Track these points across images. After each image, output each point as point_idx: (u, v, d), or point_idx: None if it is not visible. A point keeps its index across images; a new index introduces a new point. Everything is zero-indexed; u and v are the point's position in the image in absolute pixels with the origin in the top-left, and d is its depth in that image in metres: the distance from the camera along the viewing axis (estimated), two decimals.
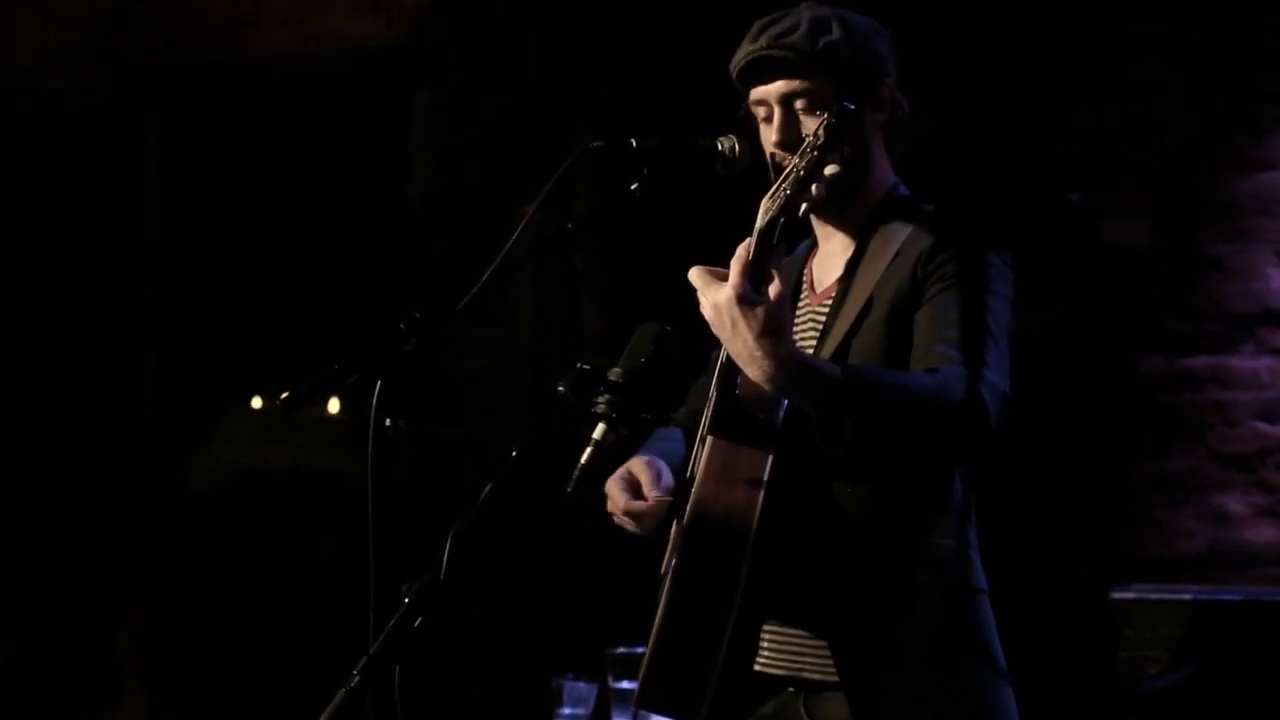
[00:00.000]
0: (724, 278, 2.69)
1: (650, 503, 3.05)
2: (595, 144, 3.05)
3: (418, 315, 2.86)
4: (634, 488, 3.08)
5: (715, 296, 2.67)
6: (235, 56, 7.22)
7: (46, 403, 7.32)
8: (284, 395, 2.83)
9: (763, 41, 3.00)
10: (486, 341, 6.49)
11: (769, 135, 3.03)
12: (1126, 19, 5.96)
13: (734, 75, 3.07)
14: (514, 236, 3.02)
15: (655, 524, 3.07)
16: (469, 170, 6.75)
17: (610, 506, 3.11)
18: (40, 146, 7.40)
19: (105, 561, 7.12)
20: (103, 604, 6.83)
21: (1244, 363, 5.77)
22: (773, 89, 3.01)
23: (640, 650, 3.91)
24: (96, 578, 7.08)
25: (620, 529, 3.13)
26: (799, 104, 2.99)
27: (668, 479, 3.09)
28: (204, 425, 7.36)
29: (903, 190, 3.10)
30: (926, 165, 3.19)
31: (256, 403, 7.34)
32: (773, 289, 2.67)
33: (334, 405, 7.14)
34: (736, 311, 2.65)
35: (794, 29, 2.99)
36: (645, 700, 2.90)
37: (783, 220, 2.73)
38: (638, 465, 3.10)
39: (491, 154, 6.69)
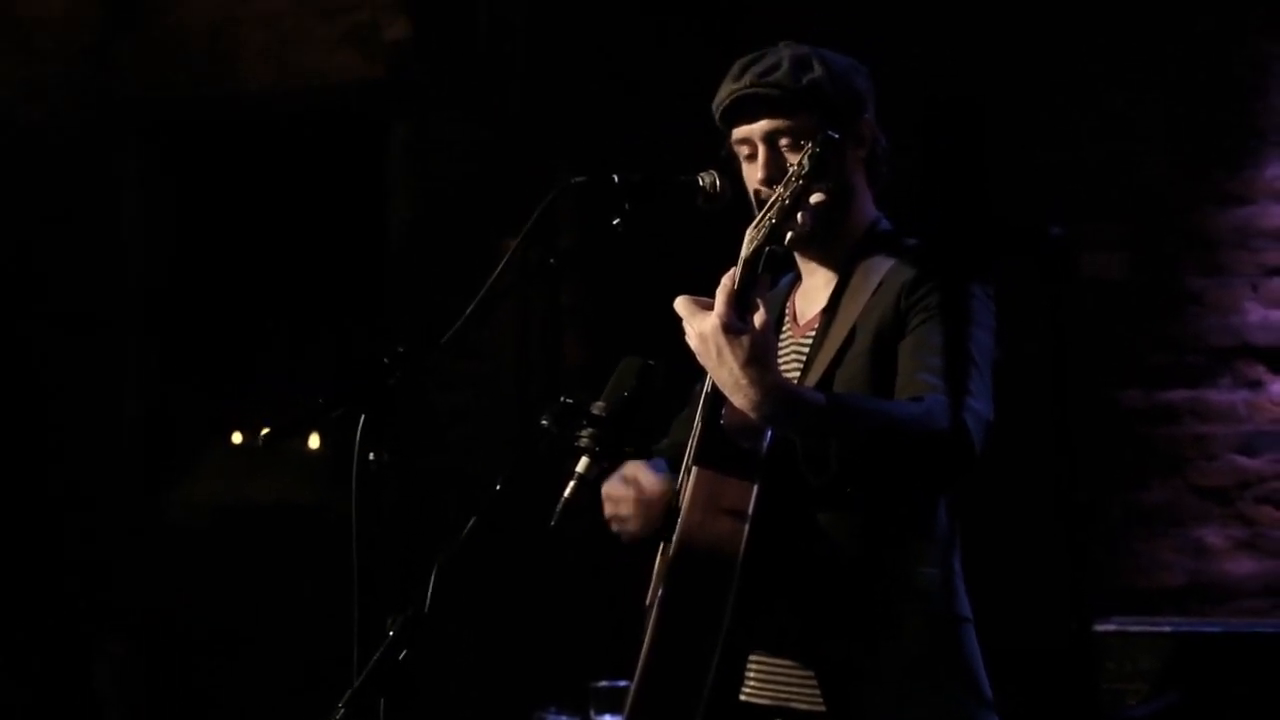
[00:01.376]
0: (709, 307, 2.71)
1: (656, 490, 3.07)
2: (578, 179, 3.06)
3: (401, 349, 2.87)
4: (634, 485, 3.10)
5: (700, 326, 2.69)
6: (216, 91, 7.23)
7: (27, 436, 7.31)
8: (267, 429, 2.83)
9: (746, 80, 3.02)
10: (470, 374, 6.50)
11: (753, 173, 3.04)
12: (1102, 56, 6.00)
13: (716, 115, 3.09)
14: (497, 270, 3.03)
15: (657, 519, 3.08)
16: (449, 204, 6.76)
17: (609, 507, 3.12)
18: (22, 180, 7.41)
19: (86, 594, 7.11)
20: (84, 636, 6.81)
21: (1222, 396, 5.79)
22: (757, 128, 3.03)
23: (624, 683, 3.92)
24: (78, 611, 7.07)
25: (613, 545, 3.13)
26: (783, 142, 3.01)
27: (664, 471, 3.12)
28: (185, 459, 7.35)
29: (885, 224, 3.12)
30: (907, 199, 3.21)
31: (237, 438, 7.34)
32: (758, 318, 2.69)
33: (315, 440, 7.14)
34: (722, 340, 2.66)
35: (776, 67, 3.01)
36: None
37: (767, 250, 2.75)
38: (633, 466, 3.12)
39: (471, 188, 6.70)
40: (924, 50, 5.78)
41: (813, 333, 3.05)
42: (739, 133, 3.06)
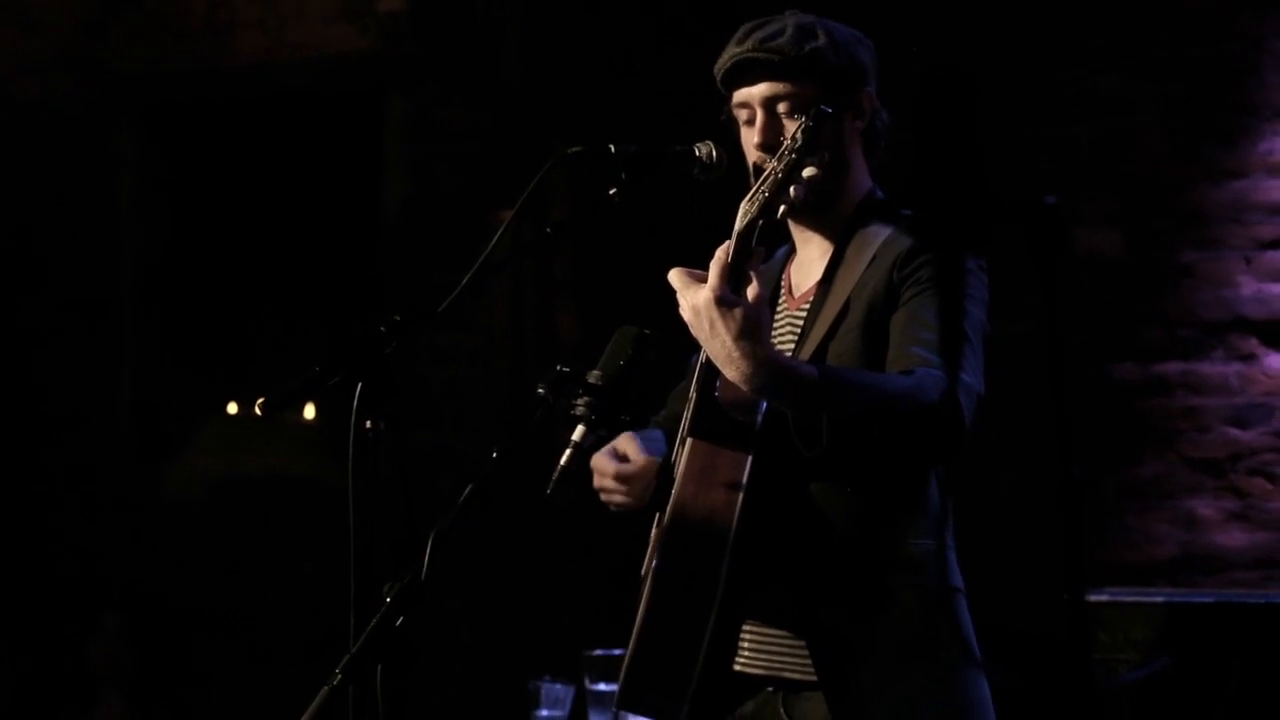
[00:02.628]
0: (703, 280, 2.71)
1: (640, 463, 3.08)
2: (574, 149, 3.06)
3: (397, 318, 2.87)
4: (621, 458, 3.11)
5: (694, 298, 2.69)
6: (211, 66, 7.23)
7: (23, 413, 7.32)
8: (263, 398, 2.83)
9: (749, 44, 3.02)
10: (463, 348, 6.51)
11: (750, 138, 3.05)
12: (1097, 31, 6.00)
13: (718, 77, 3.09)
14: (492, 242, 3.03)
15: (645, 492, 3.10)
16: (444, 179, 6.77)
17: (597, 479, 3.12)
18: (16, 157, 7.41)
19: (81, 571, 7.12)
20: (79, 613, 6.82)
21: (1215, 368, 5.80)
22: (756, 91, 3.03)
23: (618, 652, 3.94)
24: (72, 587, 7.08)
25: (607, 515, 3.15)
26: (781, 107, 3.02)
27: (656, 448, 3.13)
28: (180, 434, 7.36)
29: (880, 195, 3.12)
30: (901, 172, 3.22)
31: (232, 408, 7.34)
32: (751, 291, 2.70)
33: (310, 411, 7.15)
34: (715, 313, 2.67)
35: (780, 33, 3.02)
36: (626, 700, 2.92)
37: (761, 223, 2.76)
38: (624, 439, 3.13)
39: (466, 163, 6.70)
40: (919, 23, 5.78)
41: (807, 305, 3.06)
42: (739, 96, 3.07)
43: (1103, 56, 5.99)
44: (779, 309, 3.11)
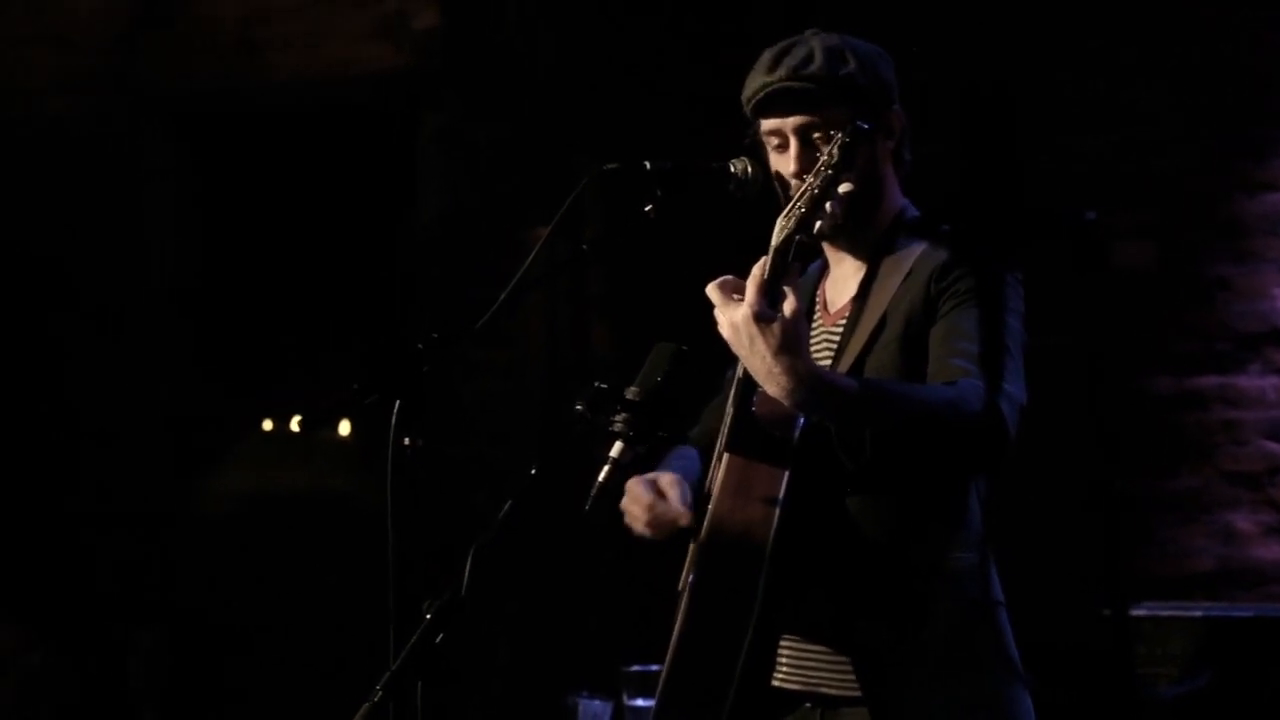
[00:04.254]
0: (740, 292, 2.71)
1: (675, 512, 3.05)
2: (610, 166, 3.07)
3: (435, 335, 2.88)
4: (658, 492, 3.09)
5: (732, 314, 2.69)
6: (244, 82, 7.26)
7: (59, 429, 7.35)
8: (301, 416, 2.84)
9: (781, 73, 2.99)
10: (497, 363, 6.52)
11: (783, 164, 3.02)
12: (1129, 44, 6.00)
13: (747, 107, 3.07)
14: (529, 260, 3.03)
15: (668, 533, 3.09)
16: (476, 194, 6.78)
17: (628, 502, 3.10)
18: (51, 172, 7.44)
19: (117, 587, 7.15)
20: (117, 628, 6.84)
21: (1251, 382, 5.79)
22: (789, 122, 3.01)
23: (655, 668, 3.94)
24: (109, 603, 7.11)
25: (631, 533, 3.14)
26: (816, 135, 2.99)
27: (691, 467, 3.13)
28: (214, 449, 7.38)
29: (912, 211, 3.12)
30: (942, 187, 3.22)
31: (267, 425, 7.36)
32: (788, 306, 2.70)
33: (345, 427, 7.16)
34: (754, 329, 2.67)
35: (809, 59, 2.99)
36: (662, 716, 2.92)
37: (798, 238, 2.76)
38: (668, 481, 3.11)
39: (499, 178, 6.72)
40: (954, 37, 5.77)
41: (843, 321, 3.05)
42: (769, 125, 3.04)
43: (1136, 68, 5.98)
44: (814, 325, 3.11)
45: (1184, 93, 5.93)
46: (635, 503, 3.10)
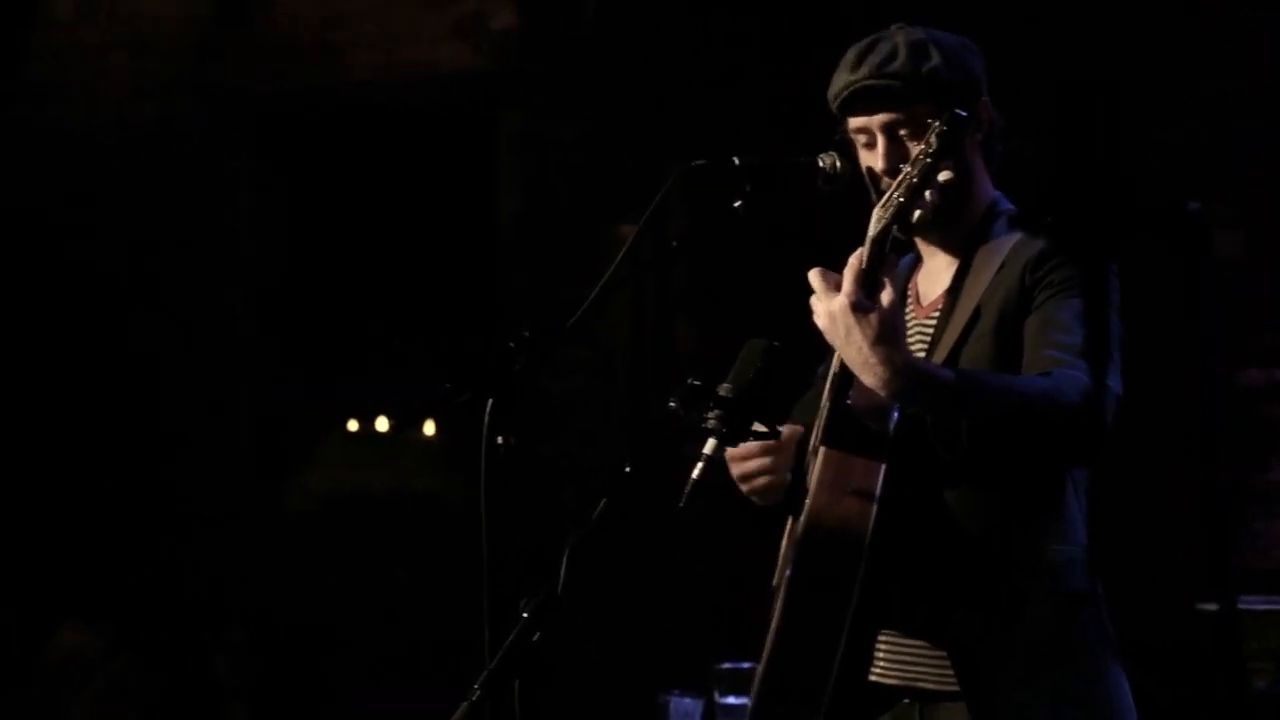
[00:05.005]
0: (838, 286, 2.71)
1: (784, 431, 3.00)
2: (698, 162, 3.06)
3: (526, 334, 2.88)
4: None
5: (829, 305, 2.69)
6: (325, 85, 7.30)
7: (144, 432, 7.40)
8: (395, 416, 2.85)
9: (864, 71, 2.97)
10: (583, 361, 6.53)
11: (873, 161, 3.01)
12: (1213, 37, 5.94)
13: (833, 105, 3.05)
14: (621, 254, 3.02)
15: (787, 465, 3.04)
16: (557, 193, 6.79)
17: (737, 466, 3.04)
18: (134, 177, 7.50)
19: (205, 586, 7.20)
20: (204, 627, 6.89)
21: None
22: (876, 120, 2.99)
23: (746, 665, 3.93)
24: (197, 603, 7.16)
25: (739, 519, 3.12)
26: (903, 132, 2.98)
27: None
28: (300, 450, 7.43)
29: (1004, 204, 3.10)
30: (1035, 183, 3.19)
31: (352, 425, 7.40)
32: (886, 296, 2.69)
33: (430, 427, 7.19)
34: (851, 319, 2.67)
35: (893, 56, 2.97)
36: (760, 712, 2.91)
37: (895, 229, 2.75)
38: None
39: (579, 177, 6.73)
40: (1049, 32, 5.73)
41: (936, 313, 3.04)
42: (857, 123, 3.03)
43: (1227, 59, 5.92)
44: (907, 318, 3.08)
45: (1270, 83, 5.87)
46: (745, 457, 3.04)
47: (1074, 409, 2.71)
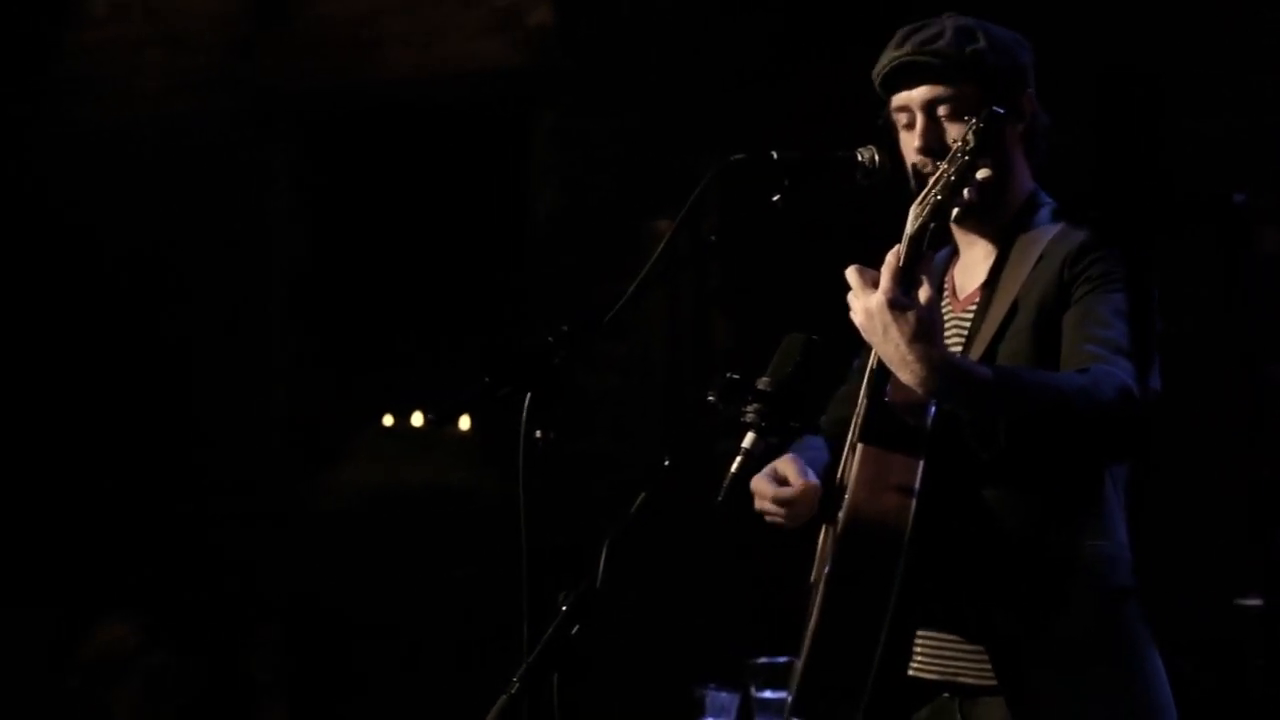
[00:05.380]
0: (875, 282, 2.71)
1: (799, 487, 3.07)
2: (737, 157, 3.06)
3: (565, 329, 2.88)
4: (781, 481, 3.10)
5: (867, 302, 2.69)
6: (360, 81, 7.30)
7: (180, 427, 7.43)
8: (432, 411, 2.85)
9: (908, 48, 3.01)
10: (618, 357, 6.53)
11: (911, 142, 3.03)
12: (1257, 27, 5.90)
13: (876, 81, 3.08)
14: (656, 253, 3.02)
15: (806, 514, 3.09)
16: (594, 189, 6.79)
17: (758, 502, 3.11)
18: (169, 173, 7.53)
19: (242, 582, 7.22)
20: (240, 622, 6.91)
21: None
22: (916, 95, 3.02)
23: (782, 660, 3.93)
24: (233, 598, 7.18)
25: (769, 528, 3.14)
26: (942, 110, 3.00)
27: (813, 475, 3.12)
28: (335, 446, 7.44)
29: (1043, 197, 3.10)
30: (1076, 176, 3.18)
31: (388, 421, 7.42)
32: (923, 294, 2.69)
33: (465, 422, 7.20)
34: (888, 316, 2.67)
35: (939, 36, 3.00)
36: (800, 707, 2.91)
37: (933, 226, 2.75)
38: (784, 462, 3.12)
39: (616, 173, 6.72)
40: (1096, 21, 5.70)
41: (973, 307, 3.04)
42: (898, 100, 3.05)
43: (1271, 51, 5.88)
44: (944, 312, 3.09)
45: None
46: (763, 499, 3.11)
47: (1111, 407, 2.71)
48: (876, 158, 3.05)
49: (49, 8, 7.73)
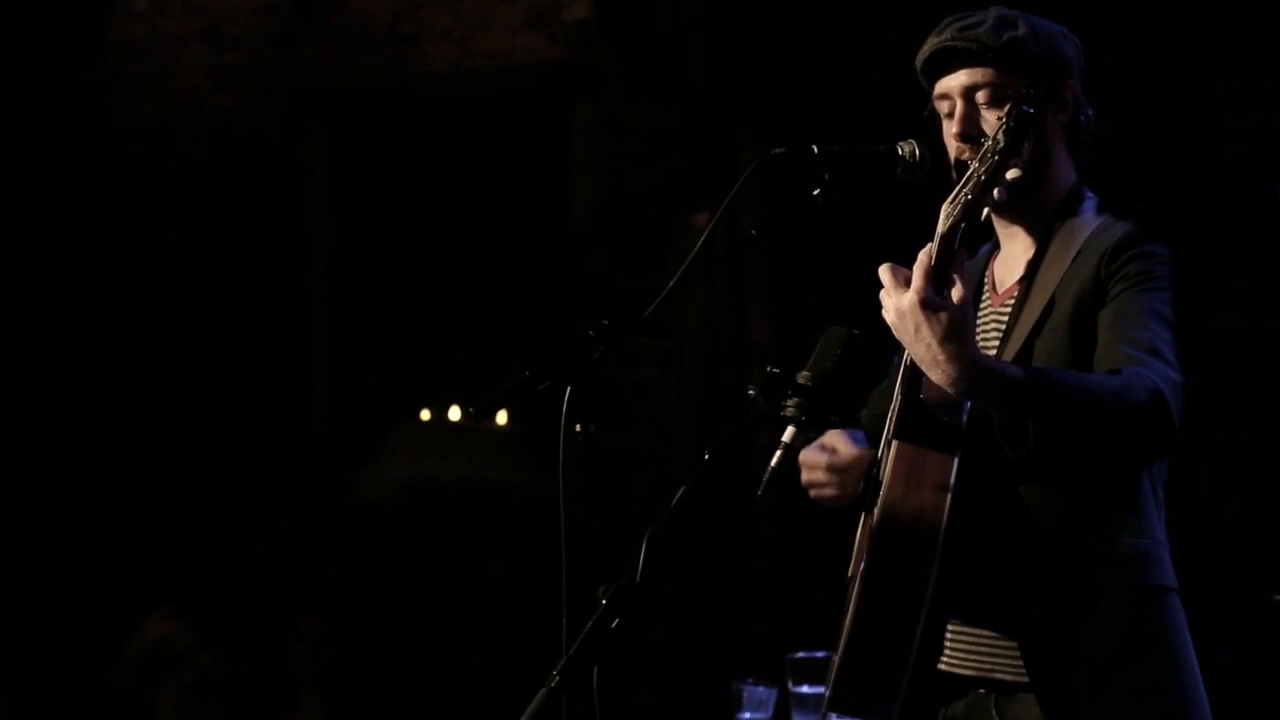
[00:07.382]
0: (907, 281, 2.70)
1: (851, 455, 3.07)
2: (778, 150, 3.05)
3: (605, 322, 2.88)
4: (831, 452, 3.09)
5: (898, 301, 2.69)
6: (399, 75, 7.32)
7: (219, 421, 7.45)
8: (471, 404, 2.85)
9: (948, 34, 3.01)
10: (655, 351, 6.53)
11: (950, 129, 3.03)
12: None
13: (919, 69, 3.08)
14: (697, 246, 3.01)
15: (855, 484, 3.08)
16: (631, 183, 6.79)
17: (807, 474, 3.10)
18: (209, 169, 7.56)
19: (280, 575, 7.25)
20: (278, 615, 6.94)
21: None
22: (955, 81, 3.02)
23: (820, 655, 3.93)
24: (272, 590, 7.21)
25: (813, 508, 3.13)
26: (980, 97, 2.99)
27: (864, 441, 3.11)
28: (374, 439, 7.46)
29: (1085, 191, 3.08)
30: (1121, 169, 3.17)
31: (425, 415, 7.43)
32: (955, 293, 2.69)
33: (503, 416, 7.21)
34: (920, 316, 2.66)
35: (980, 23, 3.00)
36: (837, 702, 2.91)
37: (964, 225, 2.75)
38: (831, 435, 3.11)
39: (654, 166, 6.72)
40: (1147, 15, 5.68)
41: (1011, 301, 3.03)
42: (939, 87, 3.05)
43: None
44: (983, 305, 3.09)
45: None
46: (814, 469, 3.09)
47: (1143, 409, 2.70)
48: (917, 152, 3.04)
49: (91, 4, 7.76)
